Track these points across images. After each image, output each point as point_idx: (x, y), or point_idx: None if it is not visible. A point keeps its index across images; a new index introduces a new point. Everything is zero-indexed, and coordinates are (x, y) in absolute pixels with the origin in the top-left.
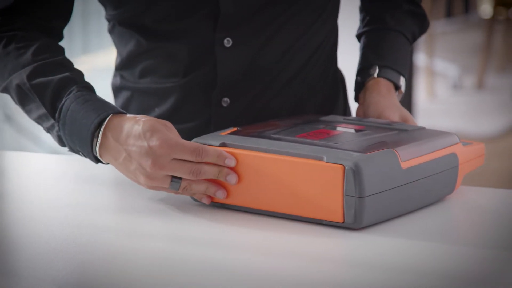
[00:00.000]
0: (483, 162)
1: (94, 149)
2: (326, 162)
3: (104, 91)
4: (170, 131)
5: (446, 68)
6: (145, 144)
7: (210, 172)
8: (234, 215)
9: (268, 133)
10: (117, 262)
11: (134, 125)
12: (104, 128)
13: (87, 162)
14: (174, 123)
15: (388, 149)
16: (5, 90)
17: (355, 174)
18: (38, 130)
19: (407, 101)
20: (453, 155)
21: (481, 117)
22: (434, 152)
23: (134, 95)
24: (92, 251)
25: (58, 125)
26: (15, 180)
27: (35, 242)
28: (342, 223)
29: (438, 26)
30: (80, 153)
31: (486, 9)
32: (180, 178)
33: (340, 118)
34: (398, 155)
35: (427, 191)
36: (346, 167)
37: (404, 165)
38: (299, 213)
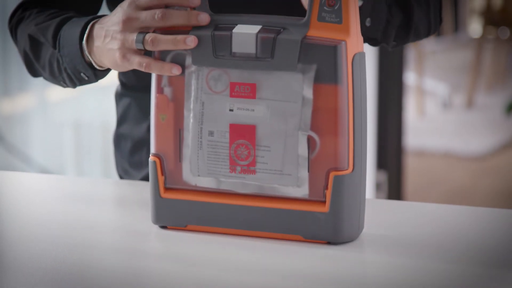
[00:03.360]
0: None
1: (83, 47)
2: (283, 233)
3: (107, 104)
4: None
5: (436, 87)
6: (119, 15)
7: (177, 15)
8: (223, 236)
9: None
10: (108, 281)
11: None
12: (92, 23)
13: (78, 182)
14: None
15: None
16: (25, 53)
17: (322, 238)
18: (29, 150)
19: (397, 120)
20: (339, 47)
21: (470, 135)
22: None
23: (132, 102)
24: (82, 271)
25: (60, 54)
26: (5, 200)
27: (25, 262)
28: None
29: (427, 45)
30: (82, 73)
31: (475, 28)
32: (145, 33)
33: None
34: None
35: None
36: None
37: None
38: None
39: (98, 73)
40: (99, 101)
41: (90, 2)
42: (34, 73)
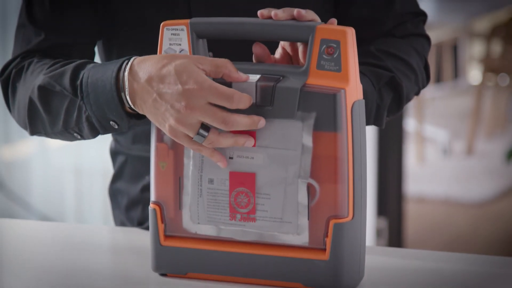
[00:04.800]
0: None
1: (124, 98)
2: (283, 281)
3: (108, 150)
4: (203, 64)
5: (436, 133)
6: (180, 87)
7: (242, 123)
8: (223, 284)
9: None
10: None
11: (166, 66)
12: (130, 71)
13: (78, 229)
14: None
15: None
16: (31, 104)
17: None
18: (29, 196)
19: (397, 167)
20: (339, 95)
21: (471, 182)
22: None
23: (128, 160)
24: None
25: (83, 102)
26: (5, 247)
27: None
28: None
29: (427, 92)
30: (111, 122)
31: (475, 75)
32: (207, 131)
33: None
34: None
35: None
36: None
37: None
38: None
39: (133, 122)
40: (99, 147)
41: (89, 50)
42: (35, 128)
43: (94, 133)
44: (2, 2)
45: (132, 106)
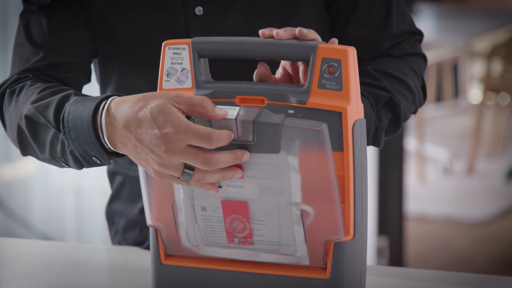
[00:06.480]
0: None
1: (102, 140)
2: None
3: (102, 175)
4: (179, 103)
5: (437, 153)
6: (157, 131)
7: (225, 160)
8: None
9: None
10: None
11: (142, 109)
12: (107, 113)
13: (78, 248)
14: None
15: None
16: (19, 131)
17: None
18: (29, 216)
19: (398, 186)
20: (340, 114)
21: (471, 202)
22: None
23: (126, 181)
24: None
25: (65, 137)
26: (5, 267)
27: None
28: None
29: (428, 111)
30: (93, 157)
31: (475, 94)
32: (192, 169)
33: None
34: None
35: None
36: None
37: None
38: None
39: (114, 159)
40: (99, 167)
41: (87, 68)
42: (26, 152)
43: (80, 166)
44: (2, 2)
45: (111, 148)
